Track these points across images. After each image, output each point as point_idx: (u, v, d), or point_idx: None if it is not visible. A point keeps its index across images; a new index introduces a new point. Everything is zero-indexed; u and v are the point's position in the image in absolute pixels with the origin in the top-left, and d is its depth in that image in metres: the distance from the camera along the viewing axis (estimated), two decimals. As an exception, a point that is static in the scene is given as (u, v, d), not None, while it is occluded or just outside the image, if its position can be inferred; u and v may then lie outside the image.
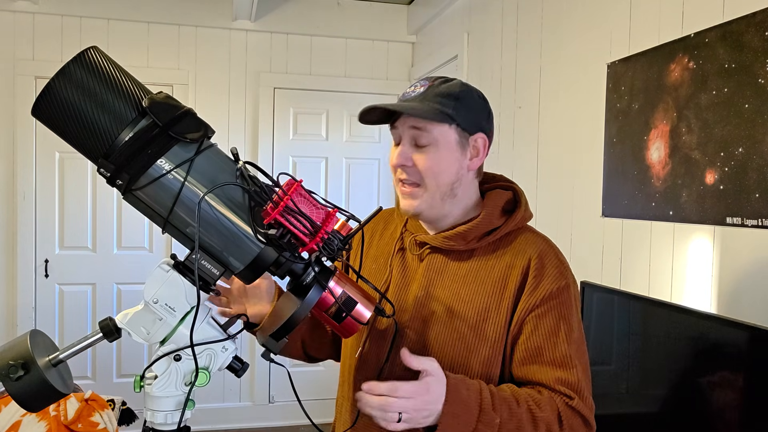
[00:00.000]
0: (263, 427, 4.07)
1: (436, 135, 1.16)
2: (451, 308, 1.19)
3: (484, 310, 1.18)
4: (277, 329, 0.94)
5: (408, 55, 4.29)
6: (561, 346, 1.14)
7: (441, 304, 1.20)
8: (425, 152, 1.17)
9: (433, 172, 1.17)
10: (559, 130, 2.45)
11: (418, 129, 1.16)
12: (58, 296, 3.85)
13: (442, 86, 1.18)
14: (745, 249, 1.56)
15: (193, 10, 3.91)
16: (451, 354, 1.17)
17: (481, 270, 1.20)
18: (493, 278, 1.19)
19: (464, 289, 1.19)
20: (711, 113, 1.65)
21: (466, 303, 1.19)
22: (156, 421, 0.93)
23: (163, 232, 0.95)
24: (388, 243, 1.31)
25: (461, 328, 1.17)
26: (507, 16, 2.89)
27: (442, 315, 1.19)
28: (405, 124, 1.17)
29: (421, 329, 1.20)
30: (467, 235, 1.20)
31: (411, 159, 1.17)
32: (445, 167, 1.18)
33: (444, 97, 1.16)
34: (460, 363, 1.17)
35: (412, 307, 1.21)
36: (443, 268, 1.22)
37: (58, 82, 0.87)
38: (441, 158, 1.17)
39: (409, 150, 1.17)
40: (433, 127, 1.16)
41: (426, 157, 1.17)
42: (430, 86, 1.18)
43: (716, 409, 1.37)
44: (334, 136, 4.21)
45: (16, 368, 0.87)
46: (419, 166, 1.17)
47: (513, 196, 1.27)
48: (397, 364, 1.15)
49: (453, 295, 1.19)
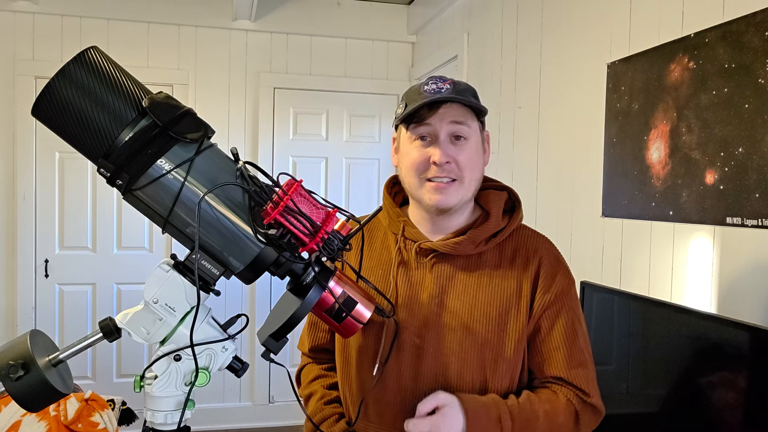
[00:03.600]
0: (263, 427, 4.07)
1: (473, 129, 1.19)
2: (471, 316, 1.18)
3: (505, 312, 1.19)
4: (277, 329, 0.94)
5: (408, 55, 4.29)
6: (577, 343, 1.21)
7: (458, 313, 1.19)
8: (463, 147, 1.18)
9: (471, 167, 1.19)
10: (559, 130, 2.45)
11: (459, 123, 1.17)
12: (58, 296, 3.85)
13: (462, 84, 1.20)
14: (745, 249, 1.56)
15: (193, 10, 3.91)
16: (479, 361, 1.18)
17: (494, 272, 1.21)
18: (509, 279, 1.21)
19: (481, 294, 1.20)
20: (711, 113, 1.65)
21: (485, 308, 1.19)
22: (156, 421, 0.93)
23: (163, 232, 0.95)
24: (381, 254, 1.28)
25: (484, 334, 1.18)
26: (507, 16, 2.89)
27: (462, 324, 1.18)
28: (445, 120, 1.17)
29: (440, 343, 1.18)
30: (477, 238, 1.20)
31: (451, 156, 1.17)
32: (477, 162, 1.21)
33: (470, 93, 1.19)
34: (489, 367, 1.18)
35: (428, 321, 1.19)
36: (453, 277, 1.21)
37: (58, 82, 0.87)
38: (475, 153, 1.20)
39: (449, 146, 1.17)
40: (472, 121, 1.19)
41: (464, 151, 1.18)
42: (454, 83, 1.19)
43: (716, 409, 1.37)
44: (334, 136, 4.21)
45: (16, 368, 0.87)
46: (459, 160, 1.17)
47: (508, 197, 1.28)
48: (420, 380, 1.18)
49: (470, 303, 1.19)
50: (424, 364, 1.18)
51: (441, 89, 1.16)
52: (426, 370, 1.18)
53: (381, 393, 1.20)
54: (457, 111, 1.17)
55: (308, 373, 1.37)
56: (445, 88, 1.16)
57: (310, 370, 1.37)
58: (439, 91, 1.15)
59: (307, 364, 1.39)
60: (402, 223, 1.26)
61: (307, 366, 1.39)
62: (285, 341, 0.96)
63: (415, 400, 1.15)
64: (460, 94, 1.16)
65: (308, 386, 1.33)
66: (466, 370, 1.17)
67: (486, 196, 1.27)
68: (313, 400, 1.30)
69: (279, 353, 0.96)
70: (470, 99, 1.17)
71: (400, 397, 1.19)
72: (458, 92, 1.16)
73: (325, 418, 1.25)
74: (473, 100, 1.18)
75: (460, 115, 1.17)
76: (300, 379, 1.39)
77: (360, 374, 1.23)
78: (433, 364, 1.18)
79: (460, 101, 1.16)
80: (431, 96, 1.15)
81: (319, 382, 1.33)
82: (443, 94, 1.15)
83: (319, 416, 1.25)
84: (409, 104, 1.17)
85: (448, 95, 1.15)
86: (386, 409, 1.20)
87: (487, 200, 1.27)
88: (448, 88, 1.16)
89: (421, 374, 1.18)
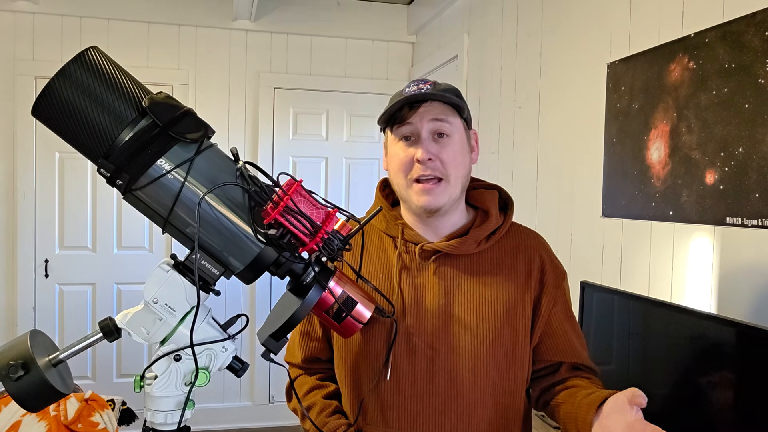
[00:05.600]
0: (263, 427, 4.07)
1: (455, 126, 1.20)
2: (479, 314, 1.20)
3: (512, 307, 1.21)
4: (277, 329, 0.94)
5: (408, 55, 4.29)
6: (578, 329, 1.30)
7: (467, 312, 1.20)
8: (446, 144, 1.19)
9: (455, 164, 1.19)
10: (559, 130, 2.45)
11: (440, 120, 1.18)
12: (58, 296, 3.85)
13: (442, 84, 1.21)
14: (745, 249, 1.56)
15: (193, 10, 3.91)
16: (492, 358, 1.19)
17: (497, 269, 1.23)
18: (512, 275, 1.23)
19: (487, 292, 1.21)
20: (711, 113, 1.65)
21: (492, 305, 1.20)
22: (156, 421, 0.93)
23: (163, 232, 0.95)
24: (380, 257, 1.27)
25: (494, 330, 1.19)
26: (507, 16, 2.89)
27: (471, 323, 1.19)
28: (425, 118, 1.18)
29: (452, 343, 1.19)
30: (479, 236, 1.22)
31: (433, 153, 1.18)
32: (462, 159, 1.21)
33: (451, 92, 1.20)
34: (502, 363, 1.20)
35: (437, 324, 1.19)
36: (457, 277, 1.21)
37: (58, 82, 0.87)
38: (459, 149, 1.20)
39: (432, 144, 1.18)
40: (453, 118, 1.19)
41: (447, 149, 1.18)
42: (435, 84, 1.20)
43: (716, 409, 1.37)
44: (334, 136, 4.21)
45: (16, 368, 0.87)
46: (442, 157, 1.17)
47: (499, 195, 1.30)
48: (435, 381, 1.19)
49: (477, 301, 1.20)
50: (438, 365, 1.18)
51: (421, 89, 1.18)
52: (440, 372, 1.18)
53: (397, 398, 1.20)
54: (437, 109, 1.18)
55: (302, 385, 1.32)
56: (425, 89, 1.18)
57: (304, 381, 1.32)
58: (419, 91, 1.18)
59: (299, 376, 1.34)
60: (400, 226, 1.26)
61: (300, 377, 1.34)
62: (285, 341, 0.96)
63: (432, 402, 1.17)
64: (441, 91, 1.18)
65: (305, 398, 1.29)
66: (480, 368, 1.18)
67: (480, 196, 1.28)
68: (313, 412, 1.26)
69: (279, 353, 0.96)
70: (449, 96, 1.18)
71: (416, 399, 1.19)
72: (438, 91, 1.18)
73: (332, 431, 1.22)
74: (453, 97, 1.19)
75: (440, 113, 1.18)
76: (292, 391, 1.31)
77: (370, 381, 1.22)
78: (447, 364, 1.18)
79: (439, 98, 1.17)
80: (411, 95, 1.17)
81: (316, 394, 1.29)
82: (423, 93, 1.17)
83: (325, 429, 1.22)
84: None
85: (427, 92, 1.16)
86: (405, 413, 1.19)
87: (482, 199, 1.28)
88: (428, 87, 1.18)
89: (436, 376, 1.18)
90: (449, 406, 1.18)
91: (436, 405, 1.18)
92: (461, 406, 1.18)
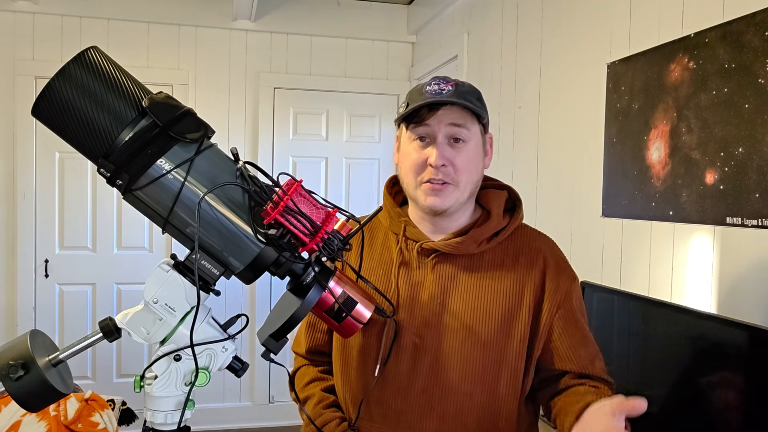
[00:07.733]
0: (263, 427, 4.07)
1: (472, 132, 1.18)
2: (473, 316, 1.18)
3: (509, 312, 1.18)
4: (277, 329, 0.94)
5: (408, 55, 4.29)
6: (589, 338, 1.24)
7: (460, 313, 1.18)
8: (461, 150, 1.18)
9: (468, 170, 1.18)
10: (559, 130, 2.45)
11: (458, 126, 1.17)
12: (58, 296, 3.85)
13: (465, 85, 1.20)
14: (745, 249, 1.56)
15: (193, 10, 3.91)
16: (482, 363, 1.17)
17: (497, 271, 1.21)
18: (512, 279, 1.20)
19: (483, 294, 1.19)
20: (711, 113, 1.65)
21: (488, 308, 1.18)
22: (156, 421, 0.93)
23: (163, 232, 0.95)
24: (382, 254, 1.27)
25: (487, 334, 1.17)
26: (507, 16, 2.89)
27: (464, 324, 1.18)
28: (443, 122, 1.16)
29: (441, 343, 1.18)
30: (479, 237, 1.20)
31: (447, 158, 1.17)
32: (475, 165, 1.20)
33: (472, 95, 1.19)
34: (493, 367, 1.18)
35: (428, 322, 1.19)
36: (455, 277, 1.20)
37: (58, 82, 0.87)
38: (473, 156, 1.20)
39: (447, 148, 1.17)
40: (471, 124, 1.18)
41: (462, 154, 1.17)
42: (457, 85, 1.18)
43: (716, 409, 1.37)
44: (334, 136, 4.21)
45: (16, 368, 0.87)
46: (456, 163, 1.17)
47: (509, 196, 1.28)
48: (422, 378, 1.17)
49: (472, 303, 1.19)
50: (424, 364, 1.18)
51: (443, 90, 1.15)
52: (426, 370, 1.18)
53: (382, 394, 1.20)
54: (456, 114, 1.16)
55: (304, 376, 1.34)
56: (446, 90, 1.15)
57: (306, 373, 1.34)
58: (440, 93, 1.15)
59: (302, 366, 1.36)
60: (403, 224, 1.25)
61: (303, 368, 1.36)
62: (285, 341, 0.96)
63: (417, 401, 1.15)
64: (462, 96, 1.16)
65: (304, 389, 1.31)
66: (469, 371, 1.17)
67: (486, 195, 1.27)
68: (310, 404, 1.28)
69: (279, 353, 0.96)
70: (471, 102, 1.16)
71: (401, 397, 1.19)
72: (460, 94, 1.16)
73: (325, 423, 1.23)
74: (475, 103, 1.17)
75: (459, 118, 1.16)
76: (295, 381, 1.35)
77: (361, 375, 1.23)
78: (433, 364, 1.17)
79: (460, 104, 1.15)
80: (432, 97, 1.15)
81: (316, 386, 1.31)
82: (444, 96, 1.15)
83: (319, 421, 1.24)
84: (410, 104, 1.17)
85: (449, 97, 1.14)
86: (389, 410, 1.19)
87: (487, 199, 1.27)
88: (450, 89, 1.16)
89: (420, 374, 1.18)
90: (433, 408, 1.17)
91: (420, 404, 1.18)
92: (445, 408, 1.17)
